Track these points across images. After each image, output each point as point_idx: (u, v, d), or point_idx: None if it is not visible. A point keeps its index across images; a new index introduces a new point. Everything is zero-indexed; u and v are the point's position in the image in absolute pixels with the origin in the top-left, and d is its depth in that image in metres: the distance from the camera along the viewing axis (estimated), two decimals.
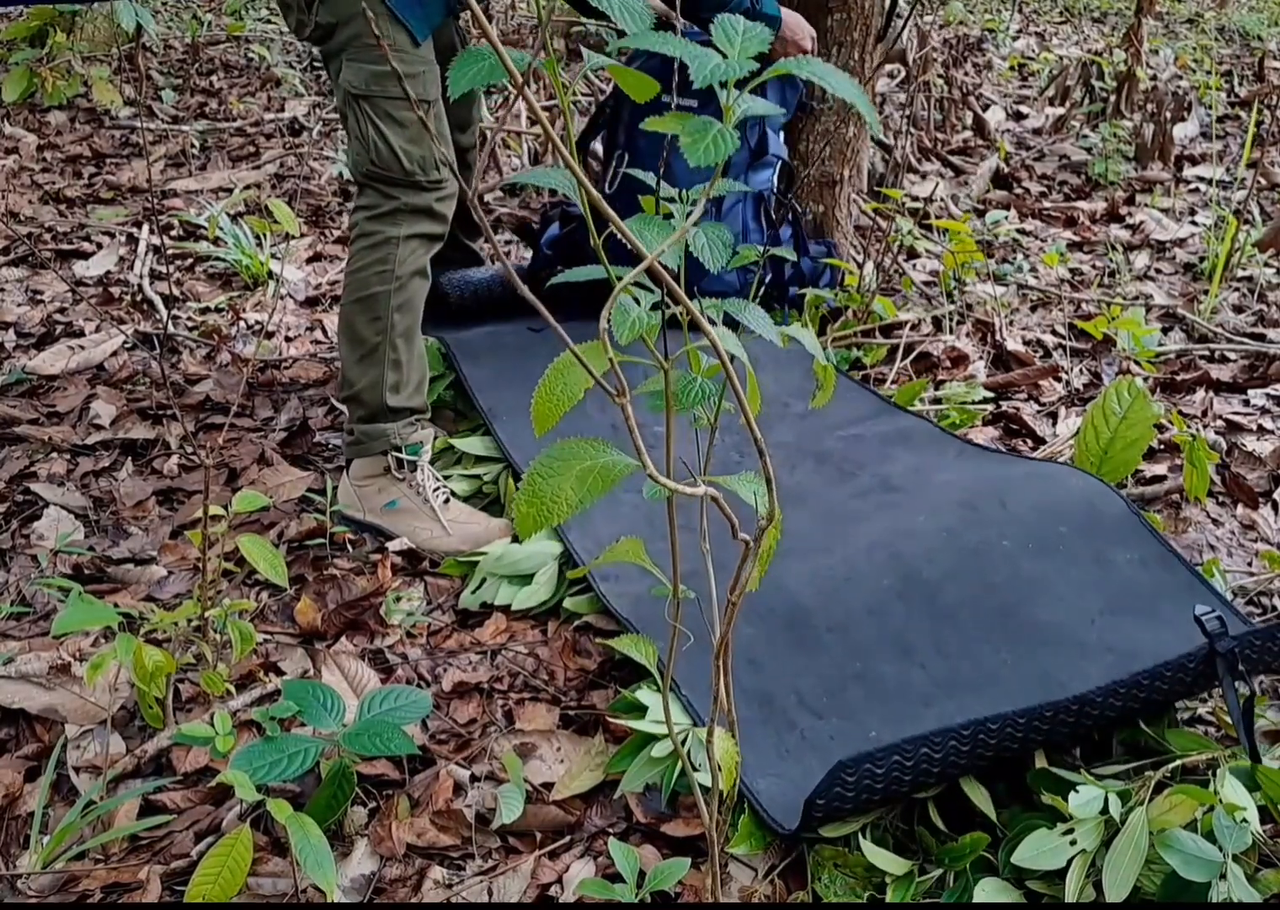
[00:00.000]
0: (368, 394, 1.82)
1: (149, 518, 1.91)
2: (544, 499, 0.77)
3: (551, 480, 0.77)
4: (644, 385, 0.84)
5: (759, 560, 0.86)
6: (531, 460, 2.02)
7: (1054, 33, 6.85)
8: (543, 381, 0.81)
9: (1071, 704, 1.22)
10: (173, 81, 4.57)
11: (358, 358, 1.82)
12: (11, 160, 3.62)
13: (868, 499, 1.80)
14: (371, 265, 1.79)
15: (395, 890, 1.24)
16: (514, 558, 1.70)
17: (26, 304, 2.65)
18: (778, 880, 1.24)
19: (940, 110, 4.29)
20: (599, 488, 0.77)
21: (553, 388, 0.80)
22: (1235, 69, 5.75)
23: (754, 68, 0.67)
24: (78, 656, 1.53)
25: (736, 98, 0.68)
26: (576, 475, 0.77)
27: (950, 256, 2.80)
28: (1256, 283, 2.95)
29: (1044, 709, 1.21)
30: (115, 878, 1.24)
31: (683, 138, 0.66)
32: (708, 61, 0.66)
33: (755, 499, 0.83)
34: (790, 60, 0.70)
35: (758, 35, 0.68)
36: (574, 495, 0.76)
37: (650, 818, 1.31)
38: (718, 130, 0.66)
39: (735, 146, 0.66)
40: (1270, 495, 1.99)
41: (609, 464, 0.77)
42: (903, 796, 1.24)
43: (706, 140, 0.66)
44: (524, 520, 0.77)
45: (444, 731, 1.47)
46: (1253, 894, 1.08)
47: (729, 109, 0.67)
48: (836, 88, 0.68)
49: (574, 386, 0.79)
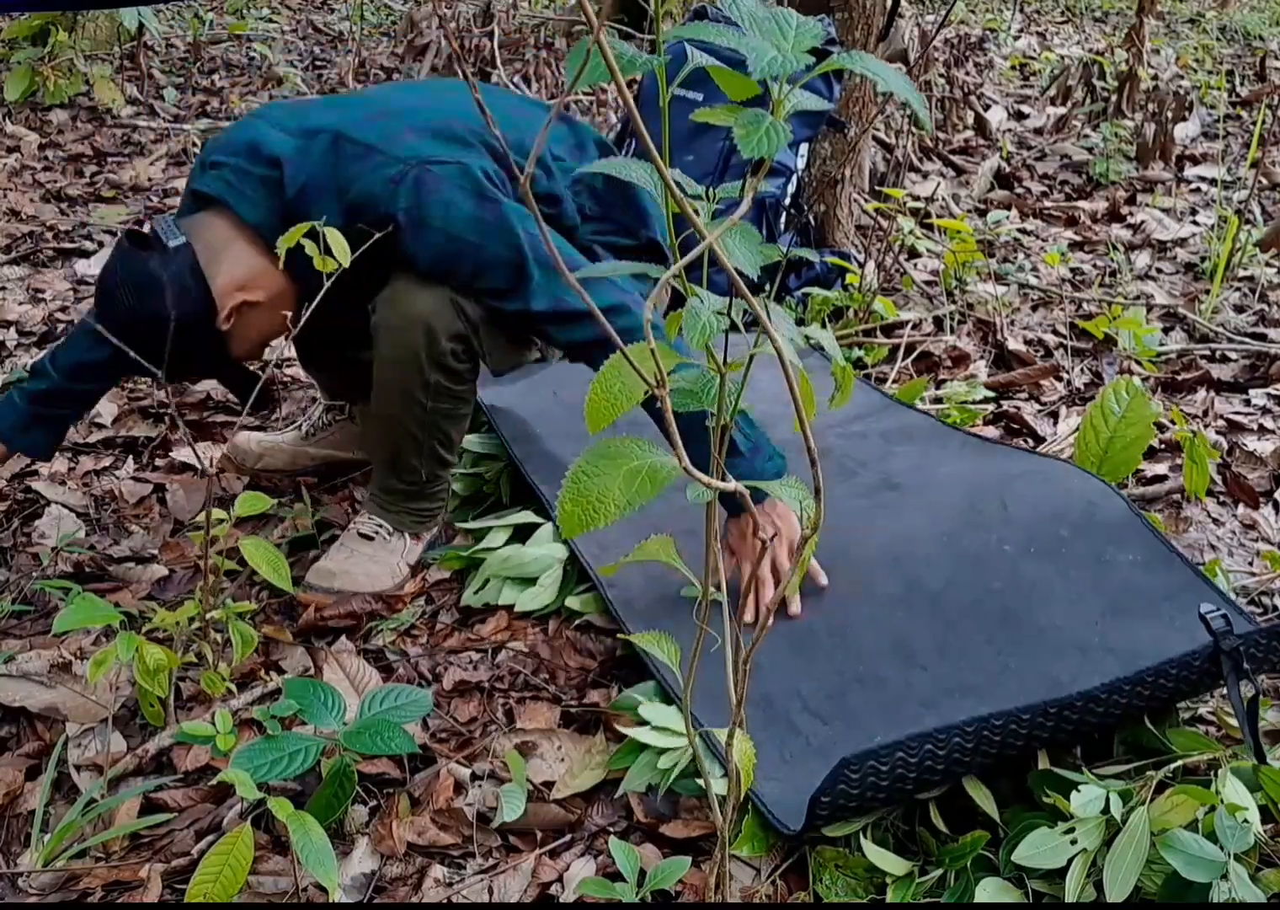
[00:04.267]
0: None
1: (150, 516, 1.91)
2: (590, 499, 0.73)
3: (598, 479, 0.74)
4: (672, 381, 0.81)
5: (798, 567, 0.85)
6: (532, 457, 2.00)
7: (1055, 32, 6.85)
8: (599, 378, 0.77)
9: (1075, 700, 1.21)
10: (174, 80, 4.57)
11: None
12: (13, 159, 3.62)
13: (869, 498, 1.80)
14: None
15: (396, 889, 1.24)
16: (520, 560, 1.70)
17: (28, 303, 2.65)
18: (779, 880, 1.24)
19: (942, 109, 4.29)
20: (648, 489, 0.73)
21: (610, 385, 0.75)
22: (1237, 69, 5.75)
23: (810, 62, 0.67)
24: (79, 655, 1.53)
25: (788, 91, 0.68)
26: (624, 475, 0.73)
27: (951, 256, 2.79)
28: (1258, 282, 2.95)
29: (1048, 705, 1.21)
30: (116, 876, 1.24)
31: (736, 130, 0.65)
32: (765, 53, 0.65)
33: (800, 507, 0.81)
34: (844, 54, 0.70)
35: (811, 30, 0.68)
36: (622, 496, 0.73)
37: (650, 818, 1.31)
38: (770, 123, 0.66)
39: (789, 138, 0.65)
40: (1271, 495, 1.98)
41: (657, 464, 0.74)
42: (907, 796, 1.23)
43: (760, 132, 0.65)
44: (569, 520, 0.73)
45: (445, 730, 1.47)
46: (1256, 894, 1.08)
47: (779, 102, 0.67)
48: (889, 83, 0.68)
49: (633, 385, 0.75)
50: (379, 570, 1.74)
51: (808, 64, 0.67)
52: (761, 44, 0.66)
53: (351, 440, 2.04)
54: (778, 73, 0.65)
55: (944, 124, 4.28)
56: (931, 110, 4.19)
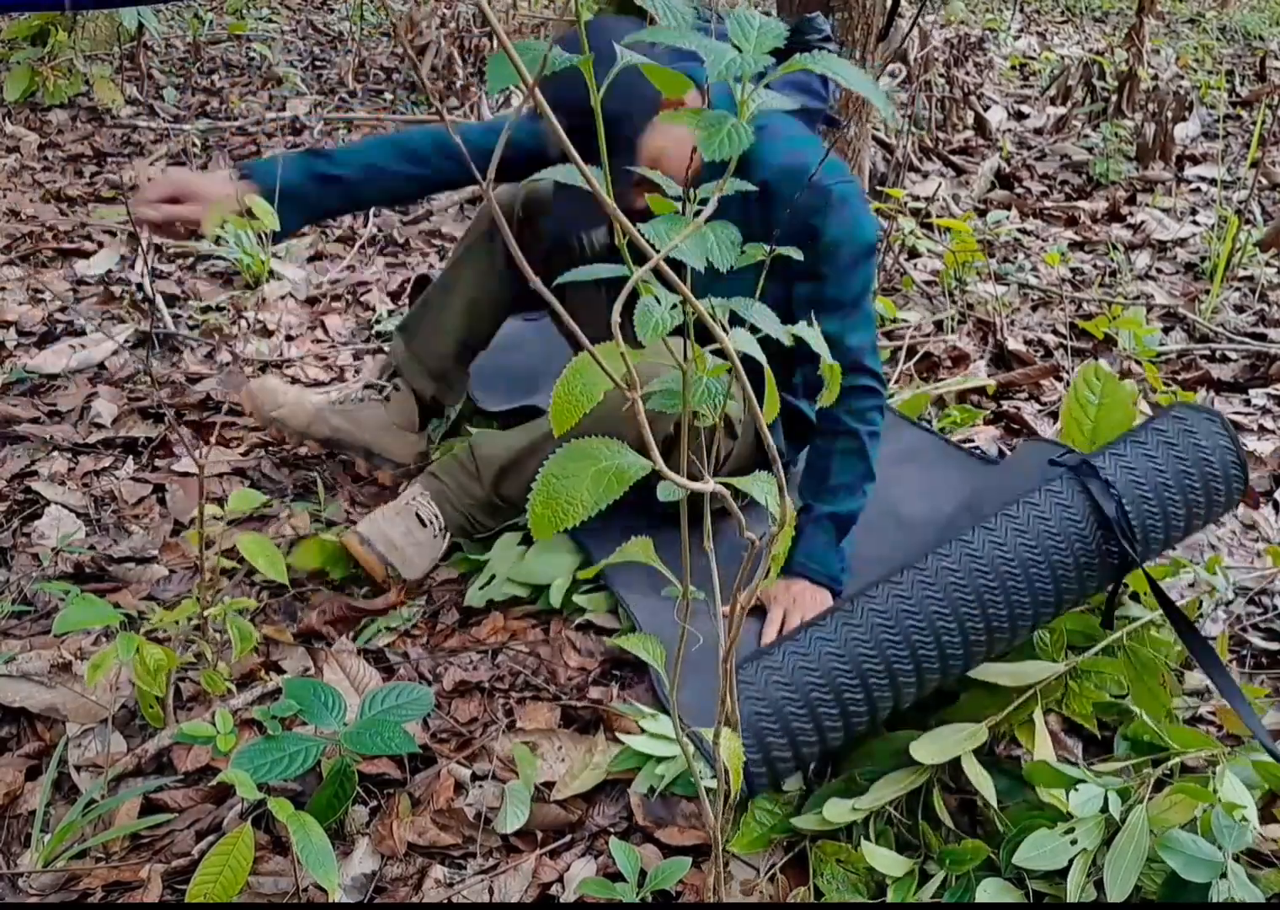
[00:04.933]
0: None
1: (150, 517, 1.91)
2: (559, 501, 0.75)
3: (567, 482, 0.75)
4: (650, 385, 0.82)
5: (773, 563, 0.85)
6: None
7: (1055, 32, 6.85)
8: (562, 380, 0.78)
9: (964, 534, 1.27)
10: (174, 80, 4.57)
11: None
12: (13, 159, 3.62)
13: (875, 532, 1.72)
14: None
15: (396, 889, 1.25)
16: (530, 567, 1.69)
17: (28, 303, 2.65)
18: (779, 877, 1.24)
19: (941, 109, 4.29)
20: (614, 489, 0.74)
21: (572, 387, 0.76)
22: (1237, 68, 5.75)
23: (769, 63, 0.67)
24: (79, 655, 1.53)
25: (751, 92, 0.67)
26: (592, 477, 0.75)
27: (951, 256, 2.80)
28: (1258, 282, 2.95)
29: (940, 546, 1.25)
30: (116, 876, 1.24)
31: (698, 132, 0.65)
32: (723, 56, 0.65)
33: (767, 500, 0.82)
34: (806, 56, 0.69)
35: (772, 30, 0.68)
36: (590, 497, 0.74)
37: (649, 821, 1.31)
38: (732, 124, 0.65)
39: (750, 142, 0.65)
40: (1271, 495, 1.99)
41: (624, 465, 0.75)
42: (860, 714, 1.25)
43: (721, 134, 0.65)
44: (539, 521, 0.75)
45: (445, 730, 1.47)
46: (1255, 893, 1.08)
47: (744, 103, 0.67)
48: (849, 82, 0.68)
49: (594, 385, 0.76)
50: (420, 562, 1.73)
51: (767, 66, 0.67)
52: (720, 46, 0.66)
53: (376, 423, 2.00)
54: (737, 74, 0.65)
55: (944, 124, 4.28)
56: (931, 110, 4.19)
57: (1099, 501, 1.29)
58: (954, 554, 1.28)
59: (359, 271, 2.94)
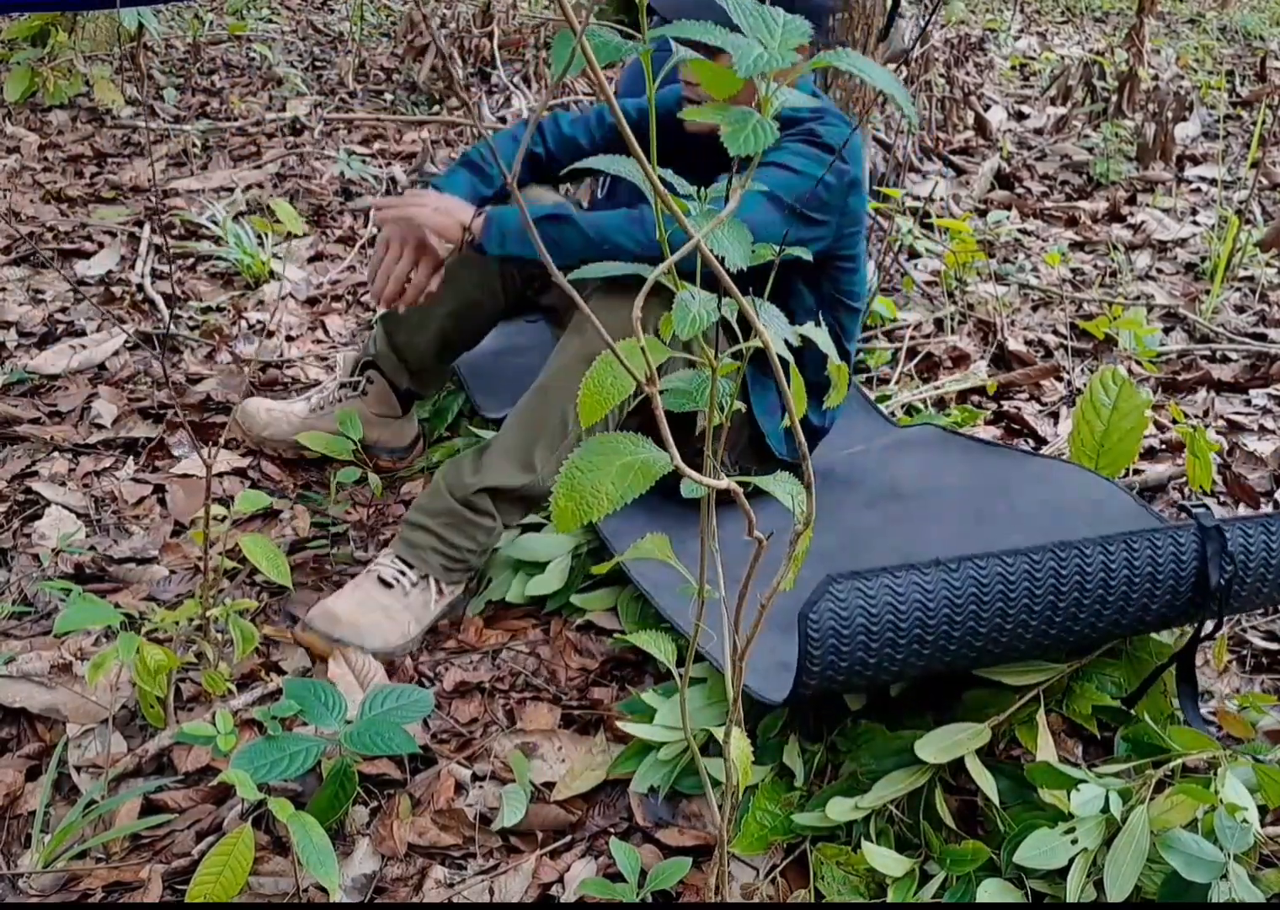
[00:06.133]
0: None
1: (150, 517, 1.91)
2: (583, 493, 0.75)
3: (590, 474, 0.75)
4: (666, 381, 0.82)
5: (793, 562, 0.85)
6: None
7: (1056, 32, 6.85)
8: (591, 373, 0.78)
9: (1059, 549, 1.22)
10: (174, 81, 4.57)
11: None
12: (13, 159, 3.62)
13: (875, 509, 1.77)
14: None
15: (397, 890, 1.24)
16: (531, 545, 1.70)
17: (28, 303, 2.65)
18: (780, 878, 1.24)
19: (941, 109, 4.29)
20: (639, 483, 0.75)
21: (601, 381, 0.77)
22: (1237, 69, 5.75)
23: (796, 60, 0.67)
24: (79, 656, 1.53)
25: (775, 89, 0.67)
26: (617, 470, 0.75)
27: (951, 256, 2.79)
28: (1258, 283, 2.95)
29: (1032, 551, 1.22)
30: (116, 877, 1.24)
31: (722, 127, 0.65)
32: (750, 52, 0.65)
33: (793, 501, 0.82)
34: (830, 52, 0.69)
35: (798, 28, 0.68)
36: (614, 491, 0.74)
37: (649, 821, 1.31)
38: (757, 121, 0.65)
39: (774, 138, 0.65)
40: (1271, 495, 1.99)
41: (649, 459, 0.75)
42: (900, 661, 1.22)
43: (746, 130, 0.65)
44: (562, 514, 0.75)
45: (445, 731, 1.47)
46: (1255, 894, 1.08)
47: (766, 100, 0.67)
48: (874, 80, 0.68)
49: (623, 380, 0.76)
50: (390, 628, 1.58)
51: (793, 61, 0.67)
52: (747, 42, 0.66)
53: (361, 419, 1.98)
54: (764, 70, 0.65)
55: (944, 124, 4.28)
56: (931, 110, 4.19)
57: (1208, 567, 1.28)
58: (1069, 563, 1.26)
59: (359, 271, 2.94)
